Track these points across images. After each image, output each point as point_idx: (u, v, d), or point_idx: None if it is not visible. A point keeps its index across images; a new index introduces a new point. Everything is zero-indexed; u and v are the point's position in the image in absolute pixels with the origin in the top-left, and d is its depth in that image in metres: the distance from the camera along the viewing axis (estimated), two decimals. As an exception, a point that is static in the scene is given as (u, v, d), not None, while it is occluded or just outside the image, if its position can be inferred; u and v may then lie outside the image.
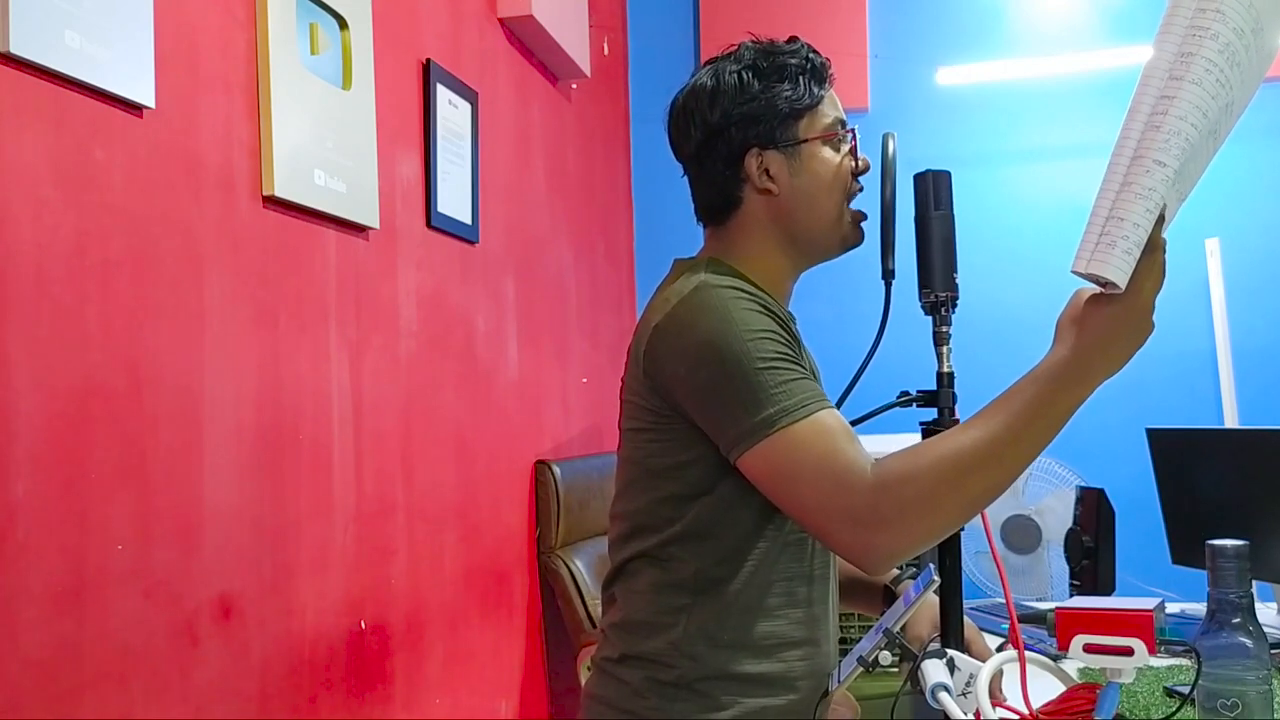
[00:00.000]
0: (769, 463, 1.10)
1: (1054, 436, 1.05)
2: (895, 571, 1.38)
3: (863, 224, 1.30)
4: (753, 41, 1.30)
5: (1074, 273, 0.97)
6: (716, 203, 1.30)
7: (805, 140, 1.26)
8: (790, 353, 1.14)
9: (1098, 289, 1.01)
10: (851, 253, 1.31)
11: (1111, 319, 1.01)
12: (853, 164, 1.28)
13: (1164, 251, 0.98)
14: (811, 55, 1.29)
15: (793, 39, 1.30)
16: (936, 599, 1.17)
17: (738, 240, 1.29)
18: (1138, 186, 0.93)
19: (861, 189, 1.30)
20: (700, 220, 1.34)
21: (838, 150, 1.28)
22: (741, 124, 1.26)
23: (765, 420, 1.09)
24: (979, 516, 1.11)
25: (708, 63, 1.31)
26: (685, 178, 1.33)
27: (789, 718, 1.22)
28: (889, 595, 1.39)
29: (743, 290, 1.18)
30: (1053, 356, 1.03)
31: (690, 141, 1.30)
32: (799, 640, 1.23)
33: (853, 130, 1.30)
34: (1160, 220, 0.96)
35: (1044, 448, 1.06)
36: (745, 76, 1.26)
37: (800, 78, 1.27)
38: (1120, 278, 0.96)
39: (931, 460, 1.05)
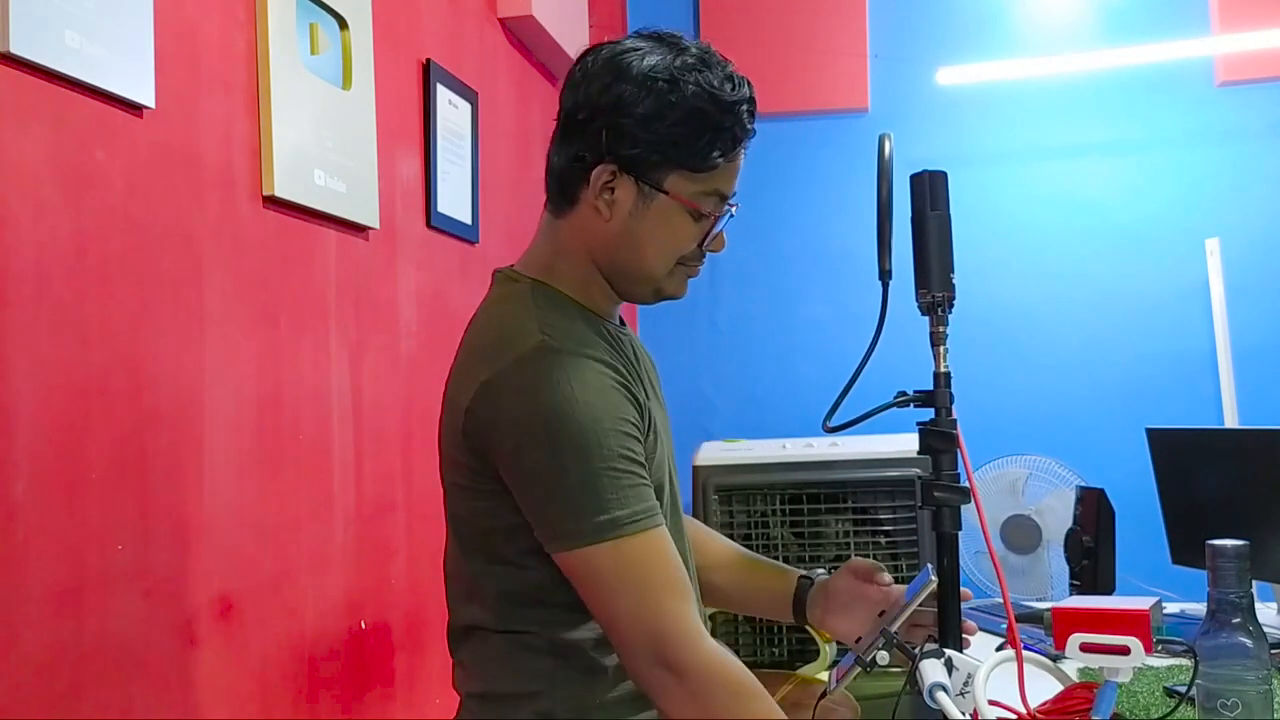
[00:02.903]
0: (590, 570, 1.05)
1: None
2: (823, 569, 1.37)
3: (690, 279, 1.19)
4: (709, 62, 1.11)
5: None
6: (556, 188, 1.19)
7: (667, 193, 1.12)
8: (632, 448, 1.07)
9: None
10: (850, 253, 1.31)
11: None
12: (705, 238, 1.17)
13: None
14: (744, 116, 1.13)
15: (745, 82, 1.14)
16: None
17: (564, 247, 1.19)
18: None
19: (702, 261, 1.19)
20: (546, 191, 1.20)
21: (696, 221, 1.15)
22: (617, 131, 1.10)
23: (595, 526, 1.03)
24: (977, 516, 1.11)
25: (658, 40, 1.13)
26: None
27: None
28: (799, 595, 1.35)
29: (588, 355, 1.09)
30: None
31: (570, 101, 1.15)
32: None
33: (728, 212, 1.17)
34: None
35: None
36: (659, 87, 1.08)
37: (706, 134, 1.09)
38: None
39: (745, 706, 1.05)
